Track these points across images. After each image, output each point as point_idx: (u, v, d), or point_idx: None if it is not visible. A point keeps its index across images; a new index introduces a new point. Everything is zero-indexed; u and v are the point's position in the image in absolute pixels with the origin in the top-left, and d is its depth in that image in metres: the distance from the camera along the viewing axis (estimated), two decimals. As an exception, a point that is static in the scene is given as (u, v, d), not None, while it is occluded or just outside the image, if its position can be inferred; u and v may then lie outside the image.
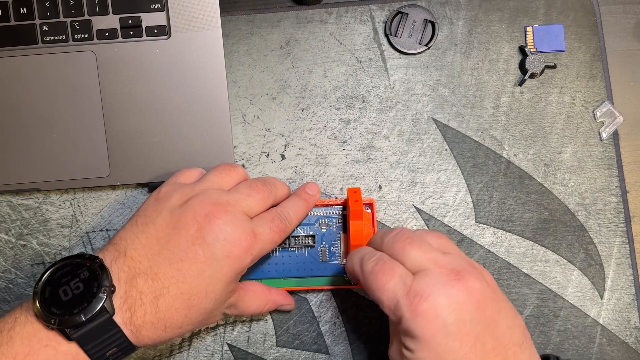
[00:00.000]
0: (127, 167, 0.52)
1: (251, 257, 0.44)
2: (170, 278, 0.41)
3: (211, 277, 0.42)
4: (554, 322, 0.53)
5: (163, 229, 0.43)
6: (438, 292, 0.39)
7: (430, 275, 0.40)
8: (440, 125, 0.55)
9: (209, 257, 0.42)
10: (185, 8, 0.53)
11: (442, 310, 0.38)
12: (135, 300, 0.41)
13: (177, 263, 0.42)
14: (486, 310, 0.39)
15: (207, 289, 0.42)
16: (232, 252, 0.42)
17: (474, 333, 0.38)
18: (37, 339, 0.40)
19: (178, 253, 0.42)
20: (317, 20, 0.56)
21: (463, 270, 0.40)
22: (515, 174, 0.55)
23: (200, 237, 0.42)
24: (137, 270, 0.42)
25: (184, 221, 0.43)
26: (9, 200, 0.54)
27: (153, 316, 0.41)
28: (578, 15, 0.56)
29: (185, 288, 0.42)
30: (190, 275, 0.42)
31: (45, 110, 0.52)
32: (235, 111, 0.55)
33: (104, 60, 0.52)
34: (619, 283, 0.54)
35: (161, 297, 0.41)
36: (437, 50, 0.56)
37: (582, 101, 0.56)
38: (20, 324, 0.40)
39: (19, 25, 0.52)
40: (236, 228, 0.43)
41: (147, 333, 0.41)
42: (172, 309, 0.41)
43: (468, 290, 0.39)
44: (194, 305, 0.42)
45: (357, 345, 0.53)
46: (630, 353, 0.53)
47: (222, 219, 0.43)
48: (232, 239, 0.42)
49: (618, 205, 0.55)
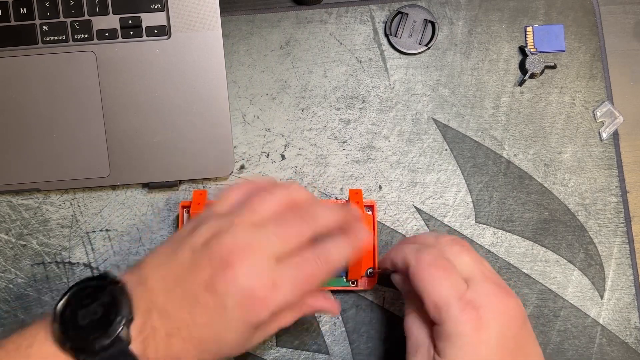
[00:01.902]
0: (127, 167, 0.52)
1: (268, 310, 0.39)
2: (181, 320, 0.39)
3: (222, 328, 0.39)
4: (554, 322, 0.53)
5: (181, 267, 0.40)
6: (490, 304, 0.41)
7: (483, 286, 0.41)
8: (440, 125, 0.55)
9: (218, 307, 0.39)
10: (185, 8, 0.53)
11: (491, 321, 0.40)
12: (149, 334, 0.39)
13: (189, 307, 0.39)
14: (522, 331, 0.42)
15: (219, 337, 0.40)
16: (245, 305, 0.39)
17: (511, 349, 0.40)
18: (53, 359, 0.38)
19: (191, 296, 0.39)
20: (317, 20, 0.56)
21: (509, 293, 0.42)
22: (515, 174, 0.55)
23: (211, 285, 0.39)
24: (153, 304, 0.40)
25: (201, 263, 0.40)
26: (9, 200, 0.54)
27: (165, 352, 0.39)
28: (578, 15, 0.56)
29: (196, 333, 0.39)
30: (201, 323, 0.39)
31: (45, 110, 0.52)
32: (235, 111, 0.55)
33: (104, 60, 0.52)
34: (619, 283, 0.54)
35: (173, 337, 0.39)
36: (437, 51, 0.56)
37: (582, 101, 0.56)
38: (38, 343, 0.39)
39: (19, 25, 0.52)
40: (251, 279, 0.39)
41: None
42: (184, 351, 0.39)
43: (514, 311, 0.41)
44: (206, 349, 0.40)
45: (357, 345, 0.53)
46: (630, 353, 0.53)
47: (237, 268, 0.39)
48: (246, 292, 0.39)
49: (618, 205, 0.55)
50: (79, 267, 0.53)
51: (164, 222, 0.54)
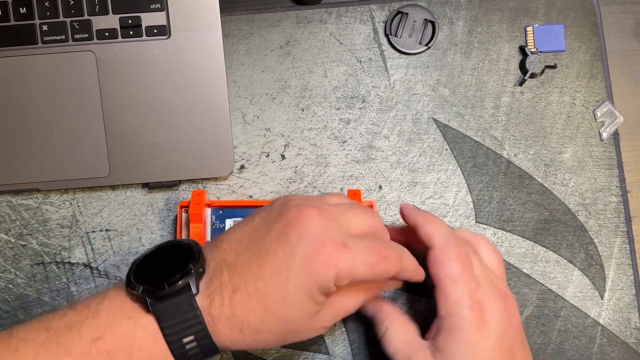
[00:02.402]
0: (127, 167, 0.52)
1: (335, 270, 0.38)
2: (249, 273, 0.39)
3: (287, 280, 0.38)
4: (554, 322, 0.53)
5: (257, 226, 0.41)
6: (493, 306, 0.43)
7: (489, 290, 0.43)
8: (441, 125, 0.55)
9: (288, 257, 0.39)
10: (185, 8, 0.53)
11: (493, 321, 0.42)
12: (215, 290, 0.39)
13: (258, 259, 0.39)
14: (517, 337, 0.44)
15: (284, 292, 0.39)
16: (313, 258, 0.38)
17: (508, 350, 0.43)
18: (121, 311, 0.39)
19: (261, 249, 0.40)
20: (317, 20, 0.56)
21: (511, 299, 0.44)
22: (516, 174, 0.55)
23: (284, 234, 0.39)
24: (224, 262, 0.40)
25: (276, 219, 0.41)
26: (9, 200, 0.54)
27: (229, 311, 0.39)
28: (578, 15, 0.56)
29: (261, 286, 0.39)
30: (268, 273, 0.39)
31: (45, 110, 0.52)
32: (235, 111, 0.55)
33: (104, 60, 0.52)
34: (620, 283, 0.54)
35: (238, 291, 0.39)
36: (437, 50, 0.56)
37: (583, 101, 0.56)
38: (109, 299, 0.40)
39: (18, 25, 0.52)
40: (322, 232, 0.39)
41: (223, 329, 0.39)
42: (247, 307, 0.39)
43: (513, 315, 0.44)
44: (270, 309, 0.39)
45: (357, 345, 0.53)
46: (631, 353, 0.53)
47: (311, 220, 0.39)
48: (315, 243, 0.39)
49: (618, 205, 0.55)
50: (79, 267, 0.53)
51: (164, 222, 0.54)
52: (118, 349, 0.38)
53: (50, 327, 0.39)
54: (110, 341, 0.38)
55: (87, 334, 0.38)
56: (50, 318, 0.40)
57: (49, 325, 0.39)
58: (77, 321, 0.39)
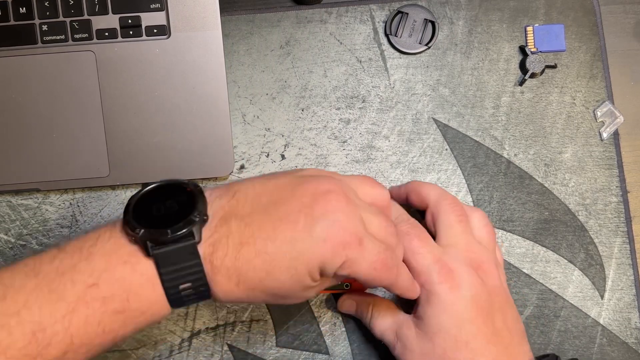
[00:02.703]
0: (126, 167, 0.52)
1: (343, 260, 0.39)
2: (262, 230, 0.38)
3: (298, 251, 0.38)
4: (554, 322, 0.53)
5: (281, 187, 0.40)
6: (462, 269, 0.44)
7: (458, 254, 0.45)
8: (441, 125, 0.55)
9: (306, 230, 0.38)
10: (185, 8, 0.53)
11: (464, 282, 0.44)
12: (220, 238, 0.38)
13: (276, 221, 0.39)
14: (496, 299, 0.45)
15: (290, 262, 0.38)
16: (329, 241, 0.38)
17: (486, 310, 0.44)
18: (117, 256, 0.38)
19: (281, 212, 0.39)
20: (317, 20, 0.56)
21: (485, 264, 0.45)
22: (516, 174, 0.55)
23: (309, 207, 0.39)
24: (236, 212, 0.39)
25: (304, 188, 0.40)
26: (9, 200, 0.54)
27: (231, 262, 0.38)
28: (578, 15, 0.56)
29: (271, 248, 0.38)
30: (281, 239, 0.38)
31: (45, 110, 0.52)
32: (235, 111, 0.55)
33: (104, 60, 0.52)
34: (620, 283, 0.54)
35: (246, 245, 0.38)
36: (437, 50, 0.56)
37: (583, 101, 0.56)
38: (102, 241, 0.38)
39: (18, 25, 0.52)
40: (348, 222, 0.39)
41: (221, 279, 0.38)
42: (250, 264, 0.38)
43: (483, 281, 0.45)
44: (272, 272, 0.39)
45: (357, 345, 0.53)
46: (631, 353, 0.53)
47: (339, 205, 0.39)
48: (338, 227, 0.39)
49: (618, 205, 0.55)
50: (79, 267, 0.53)
51: (164, 222, 0.54)
52: (114, 294, 0.37)
53: (39, 271, 0.37)
54: (106, 287, 0.37)
55: (81, 280, 0.37)
56: (39, 261, 0.38)
57: (37, 269, 0.37)
58: (70, 265, 0.37)
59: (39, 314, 0.36)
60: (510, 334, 0.44)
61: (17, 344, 0.35)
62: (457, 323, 0.43)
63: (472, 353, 0.43)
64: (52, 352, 0.36)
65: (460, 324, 0.43)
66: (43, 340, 0.36)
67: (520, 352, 0.44)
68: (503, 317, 0.45)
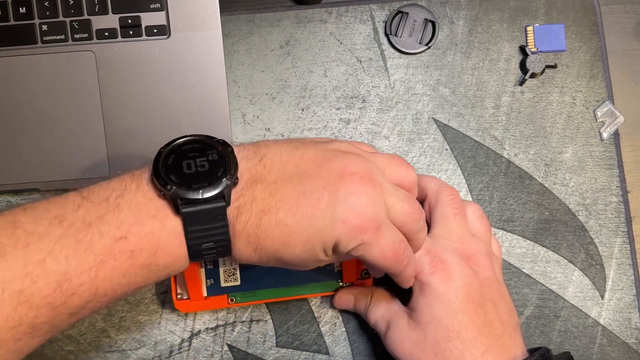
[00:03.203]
0: (126, 167, 0.52)
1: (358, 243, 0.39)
2: (285, 202, 0.38)
3: (317, 229, 0.38)
4: (554, 322, 0.53)
5: (309, 160, 0.40)
6: (453, 259, 0.44)
7: (449, 245, 0.46)
8: (441, 125, 0.55)
9: (328, 208, 0.38)
10: (185, 8, 0.53)
11: (455, 272, 0.44)
12: (245, 203, 0.38)
13: (299, 194, 0.38)
14: (488, 290, 0.45)
15: (308, 238, 0.38)
16: (349, 222, 0.38)
17: (478, 301, 0.44)
18: (145, 209, 0.37)
19: (305, 187, 0.39)
20: (317, 19, 0.56)
21: (475, 256, 0.46)
22: (516, 174, 0.55)
23: (333, 185, 0.38)
24: (261, 178, 0.39)
25: (332, 165, 0.39)
26: (8, 200, 0.54)
27: (252, 229, 0.38)
28: (578, 14, 0.56)
29: (291, 221, 0.38)
30: (302, 213, 0.38)
31: (45, 110, 0.52)
32: (235, 111, 0.55)
33: (104, 60, 0.52)
34: (620, 283, 0.54)
35: (267, 214, 0.38)
36: (437, 50, 0.56)
37: (583, 101, 0.56)
38: (130, 192, 0.38)
39: (18, 25, 0.52)
40: (370, 206, 0.39)
41: (240, 243, 0.39)
42: (269, 232, 0.38)
43: (474, 272, 0.45)
44: (288, 244, 0.39)
45: (357, 345, 0.53)
46: (631, 354, 0.53)
47: (364, 187, 0.39)
48: (359, 210, 0.38)
49: (619, 205, 0.54)
50: (79, 268, 0.53)
51: (164, 222, 0.54)
52: (142, 249, 0.37)
53: (64, 219, 0.36)
54: (134, 241, 0.36)
55: (109, 232, 0.36)
56: (62, 206, 0.37)
57: (62, 216, 0.36)
58: (97, 216, 0.36)
59: (65, 264, 0.35)
60: (502, 325, 0.44)
61: (41, 293, 0.35)
62: (449, 312, 0.43)
63: (463, 343, 0.43)
64: (75, 302, 0.36)
65: (452, 314, 0.43)
66: (68, 290, 0.35)
67: (512, 344, 0.44)
68: (495, 308, 0.45)
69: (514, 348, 0.44)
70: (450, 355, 0.43)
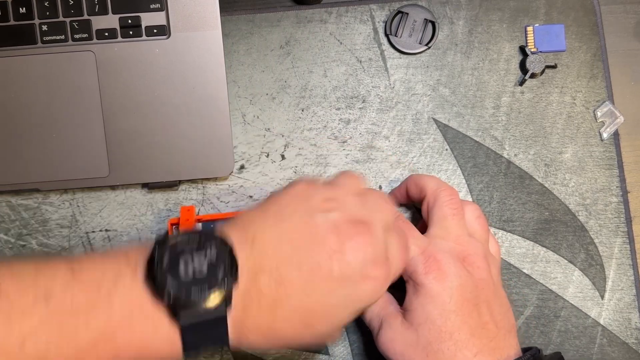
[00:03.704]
0: (126, 167, 0.52)
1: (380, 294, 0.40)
2: (295, 287, 0.37)
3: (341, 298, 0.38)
4: (554, 322, 0.53)
5: (299, 232, 0.38)
6: (448, 260, 0.44)
7: (445, 245, 0.45)
8: (441, 125, 0.55)
9: (344, 276, 0.38)
10: (185, 8, 0.53)
11: (450, 273, 0.44)
12: (252, 301, 0.36)
13: (307, 274, 0.37)
14: (482, 291, 0.44)
15: (331, 311, 0.38)
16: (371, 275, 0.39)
17: (472, 302, 0.44)
18: (139, 309, 0.35)
19: (310, 263, 0.37)
20: (317, 20, 0.56)
21: (471, 257, 0.45)
22: (516, 174, 0.55)
23: (339, 252, 0.38)
24: (262, 266, 0.37)
25: (324, 232, 0.38)
26: (8, 200, 0.54)
27: (265, 322, 0.37)
28: (579, 15, 0.56)
29: (308, 304, 0.37)
30: (318, 292, 0.37)
31: (45, 110, 0.52)
32: (235, 111, 0.55)
33: (104, 60, 0.52)
34: (620, 283, 0.54)
35: (280, 305, 0.36)
36: (437, 50, 0.56)
37: (583, 101, 0.56)
38: (123, 286, 0.35)
39: (18, 25, 0.52)
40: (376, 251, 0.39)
41: (252, 338, 0.37)
42: (287, 322, 0.37)
43: (469, 272, 0.44)
44: (310, 325, 0.38)
45: (357, 345, 0.53)
46: (631, 354, 0.53)
47: (364, 237, 0.39)
48: (372, 262, 0.39)
49: (619, 205, 0.54)
50: (79, 268, 0.53)
51: (164, 223, 0.54)
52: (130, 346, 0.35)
53: (51, 296, 0.34)
54: (122, 342, 0.34)
55: (97, 326, 0.34)
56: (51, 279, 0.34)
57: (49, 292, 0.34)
58: (85, 302, 0.34)
59: (44, 349, 0.33)
60: (496, 327, 0.44)
61: None
62: (442, 313, 0.43)
63: (455, 344, 0.43)
64: None
65: (445, 315, 0.43)
66: None
67: (506, 345, 0.44)
68: (489, 310, 0.44)
69: (508, 349, 0.44)
70: (442, 357, 0.42)
